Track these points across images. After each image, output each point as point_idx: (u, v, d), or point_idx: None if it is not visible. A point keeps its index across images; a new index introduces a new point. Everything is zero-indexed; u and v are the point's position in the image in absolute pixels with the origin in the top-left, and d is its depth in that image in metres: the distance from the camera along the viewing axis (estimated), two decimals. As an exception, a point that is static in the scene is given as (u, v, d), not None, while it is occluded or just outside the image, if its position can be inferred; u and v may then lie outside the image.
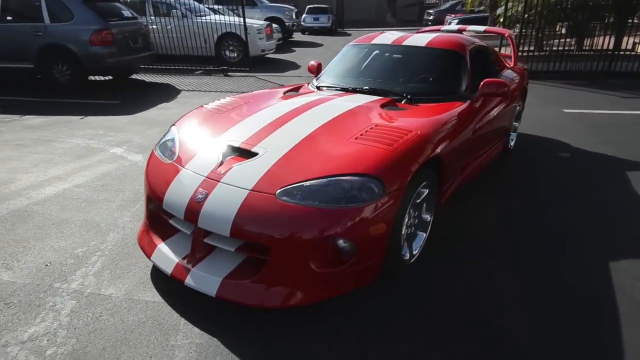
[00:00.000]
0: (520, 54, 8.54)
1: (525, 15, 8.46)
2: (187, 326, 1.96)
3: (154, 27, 9.38)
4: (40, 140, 4.54)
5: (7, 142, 4.44)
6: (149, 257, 2.20)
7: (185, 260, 2.07)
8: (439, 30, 4.86)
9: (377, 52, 3.54)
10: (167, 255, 2.13)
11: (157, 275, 2.29)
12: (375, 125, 2.33)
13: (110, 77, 8.09)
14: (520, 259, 2.52)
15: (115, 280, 2.26)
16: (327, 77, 3.50)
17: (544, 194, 3.43)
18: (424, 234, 2.49)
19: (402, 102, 2.90)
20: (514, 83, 3.86)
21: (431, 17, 21.50)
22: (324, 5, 19.78)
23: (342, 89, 3.19)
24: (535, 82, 8.20)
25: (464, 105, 2.91)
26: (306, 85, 3.51)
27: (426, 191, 2.34)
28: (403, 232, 2.16)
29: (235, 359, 1.78)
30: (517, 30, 8.74)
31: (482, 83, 3.03)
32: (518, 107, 4.20)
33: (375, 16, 27.60)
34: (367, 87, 3.10)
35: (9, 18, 6.71)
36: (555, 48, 8.88)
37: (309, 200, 1.86)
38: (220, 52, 9.88)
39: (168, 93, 7.11)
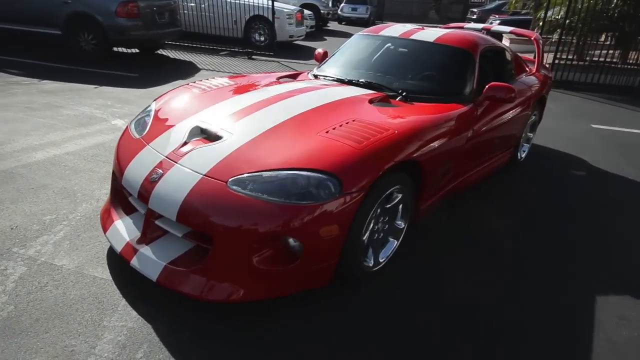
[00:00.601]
0: (557, 61, 8.07)
1: (567, 21, 7.93)
2: (126, 308, 1.90)
3: (190, 4, 9.41)
4: (49, 105, 4.61)
5: (17, 104, 4.53)
6: (104, 232, 2.15)
7: (136, 241, 2.00)
8: (461, 28, 4.60)
9: (382, 44, 3.35)
10: (120, 233, 2.07)
11: (113, 253, 2.23)
12: (353, 120, 2.17)
13: (137, 51, 8.17)
14: (496, 281, 2.32)
15: (72, 252, 2.23)
16: (327, 67, 3.35)
17: (541, 212, 3.18)
18: (396, 242, 2.33)
19: (397, 99, 2.73)
20: (529, 90, 3.58)
21: (475, 16, 20.77)
22: (363, -5, 19.37)
23: (337, 80, 3.03)
24: (569, 92, 7.74)
25: (465, 108, 2.71)
26: (306, 73, 3.37)
27: (399, 196, 2.18)
28: (365, 237, 2.02)
29: (162, 348, 1.71)
30: (556, 36, 8.23)
31: (487, 86, 2.81)
32: (533, 117, 3.91)
33: (417, 11, 26.86)
34: (362, 80, 2.93)
35: (41, -16, 6.85)
36: (596, 59, 8.32)
37: (259, 193, 1.75)
38: (249, 34, 9.82)
39: (187, 71, 7.11)
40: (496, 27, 4.56)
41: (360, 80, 2.94)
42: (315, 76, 3.21)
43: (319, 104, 2.44)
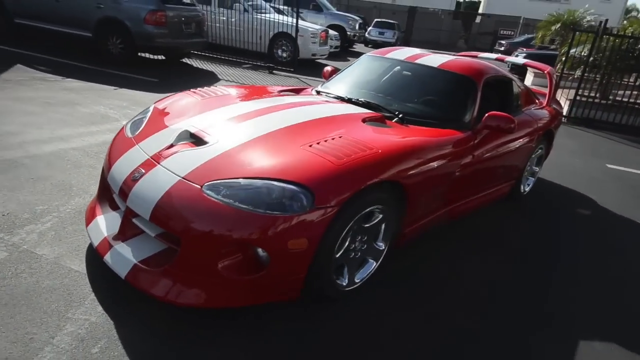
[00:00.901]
0: (579, 98, 7.94)
1: (591, 59, 7.82)
2: (93, 303, 1.91)
3: (222, 18, 9.72)
4: (67, 102, 4.78)
5: (38, 99, 4.71)
6: (86, 226, 2.19)
7: (113, 237, 2.02)
8: (474, 56, 4.58)
9: (388, 66, 3.37)
10: (100, 229, 2.10)
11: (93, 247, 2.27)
12: (340, 137, 2.17)
13: (163, 58, 8.44)
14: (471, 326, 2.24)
15: (54, 243, 2.27)
16: (331, 84, 3.38)
17: (533, 252, 3.06)
18: (374, 263, 2.29)
19: (393, 121, 2.72)
20: (534, 123, 3.52)
21: (502, 48, 20.69)
22: (392, 21, 19.64)
23: (337, 97, 3.05)
24: (589, 130, 7.59)
25: (461, 135, 2.68)
26: (310, 89, 3.41)
27: (380, 217, 2.14)
28: (338, 255, 1.99)
29: (118, 346, 1.70)
30: (579, 72, 8.11)
31: (486, 115, 2.77)
32: (539, 151, 3.83)
33: (446, 39, 26.95)
34: (361, 100, 2.93)
35: (79, -12, 7.20)
36: (619, 98, 8.13)
37: (231, 199, 1.75)
38: (273, 50, 10.04)
39: (207, 80, 7.29)
40: (509, 58, 4.53)
41: (360, 100, 2.94)
42: (318, 92, 3.24)
43: (312, 118, 2.45)
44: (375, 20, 19.72)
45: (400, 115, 2.75)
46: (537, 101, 3.96)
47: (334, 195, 1.81)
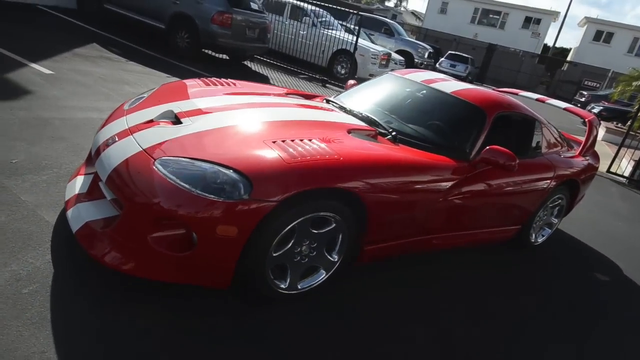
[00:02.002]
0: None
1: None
2: (45, 252, 2.04)
3: (290, 28, 10.13)
4: (119, 81, 5.21)
5: (95, 74, 5.19)
6: (67, 183, 2.36)
7: (81, 196, 2.16)
8: (515, 94, 4.35)
9: (403, 86, 3.30)
10: (75, 186, 2.26)
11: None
12: (309, 139, 2.15)
13: (226, 57, 8.92)
14: None
15: (40, 193, 2.47)
16: (344, 96, 3.38)
17: (535, 325, 2.78)
18: (324, 274, 2.22)
19: (385, 138, 2.65)
20: (553, 168, 3.23)
21: (583, 99, 19.42)
22: (466, 55, 19.21)
23: (341, 107, 3.04)
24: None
25: (452, 164, 2.56)
26: (322, 97, 3.43)
27: (332, 226, 2.09)
28: (277, 254, 1.96)
29: (47, 293, 1.80)
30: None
31: (486, 148, 2.62)
32: (559, 201, 3.51)
33: (524, 81, 25.73)
34: (362, 113, 2.90)
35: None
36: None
37: (174, 176, 1.81)
38: (333, 65, 10.24)
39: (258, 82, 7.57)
40: (550, 100, 4.24)
41: (361, 113, 2.91)
42: (328, 101, 3.25)
43: (295, 119, 2.48)
44: (449, 52, 19.42)
45: (394, 134, 2.67)
46: (567, 148, 3.66)
47: (275, 191, 1.80)
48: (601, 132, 11.52)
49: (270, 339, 1.90)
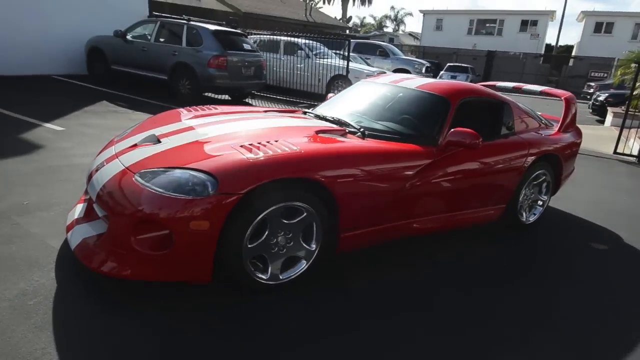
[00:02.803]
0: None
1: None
2: (50, 271, 2.26)
3: (287, 63, 10.66)
4: (124, 128, 5.57)
5: (101, 126, 5.63)
6: (69, 213, 2.62)
7: (78, 220, 2.41)
8: (493, 86, 4.48)
9: (373, 89, 3.51)
10: (74, 213, 2.51)
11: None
12: (276, 141, 2.35)
13: (228, 97, 9.41)
14: None
15: (48, 226, 2.73)
16: (321, 106, 3.60)
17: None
18: (305, 263, 2.36)
19: (355, 135, 2.84)
20: (527, 145, 3.30)
21: (591, 90, 19.18)
22: (466, 65, 19.43)
23: (316, 116, 3.25)
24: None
25: (419, 149, 2.71)
26: (300, 112, 3.66)
27: (303, 215, 2.25)
28: (252, 245, 2.12)
29: (50, 303, 2.01)
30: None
31: (450, 131, 2.77)
32: (544, 177, 3.55)
33: (530, 82, 25.56)
34: (332, 117, 3.10)
35: (161, 40, 8.52)
36: None
37: (151, 184, 2.03)
38: (330, 90, 10.61)
39: (257, 115, 7.94)
40: (526, 87, 4.36)
41: (332, 117, 3.11)
42: (305, 112, 3.48)
43: (266, 127, 2.70)
44: (448, 64, 19.70)
45: (362, 130, 2.85)
46: (545, 127, 3.74)
47: (240, 184, 2.00)
48: (609, 118, 11.34)
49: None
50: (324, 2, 33.60)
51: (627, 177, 6.15)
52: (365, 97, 3.46)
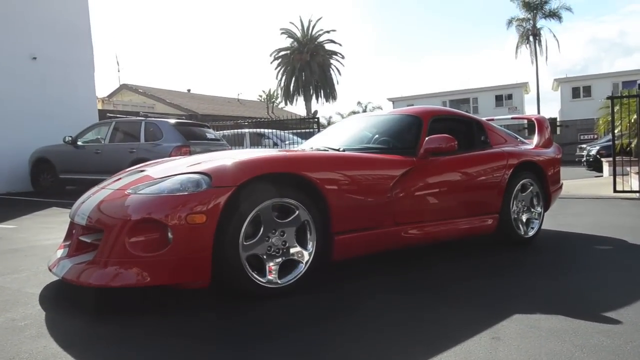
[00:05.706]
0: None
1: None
2: (35, 305, 2.54)
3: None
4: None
5: (56, 222, 6.00)
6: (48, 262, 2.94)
7: (63, 256, 2.74)
8: (491, 120, 5.26)
9: (357, 122, 4.30)
10: (57, 255, 2.85)
11: (53, 279, 2.95)
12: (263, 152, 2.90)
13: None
14: None
15: (22, 281, 3.05)
16: (306, 143, 4.29)
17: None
18: (303, 267, 2.71)
19: (336, 155, 3.42)
20: (505, 156, 3.91)
21: (584, 152, 21.01)
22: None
23: (302, 149, 3.87)
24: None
25: (398, 157, 3.29)
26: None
27: (295, 214, 2.67)
28: (249, 242, 2.50)
29: (41, 322, 2.27)
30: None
31: (425, 139, 3.39)
32: (531, 187, 4.11)
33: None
34: (314, 148, 3.71)
35: (116, 140, 9.34)
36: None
37: (144, 191, 2.48)
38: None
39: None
40: (497, 118, 5.26)
41: (312, 148, 3.72)
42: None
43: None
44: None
45: (342, 149, 3.46)
46: (521, 143, 4.46)
47: (232, 178, 2.47)
48: (606, 168, 12.49)
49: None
50: (285, 103, 36.80)
51: (630, 206, 6.81)
52: (349, 128, 4.19)
